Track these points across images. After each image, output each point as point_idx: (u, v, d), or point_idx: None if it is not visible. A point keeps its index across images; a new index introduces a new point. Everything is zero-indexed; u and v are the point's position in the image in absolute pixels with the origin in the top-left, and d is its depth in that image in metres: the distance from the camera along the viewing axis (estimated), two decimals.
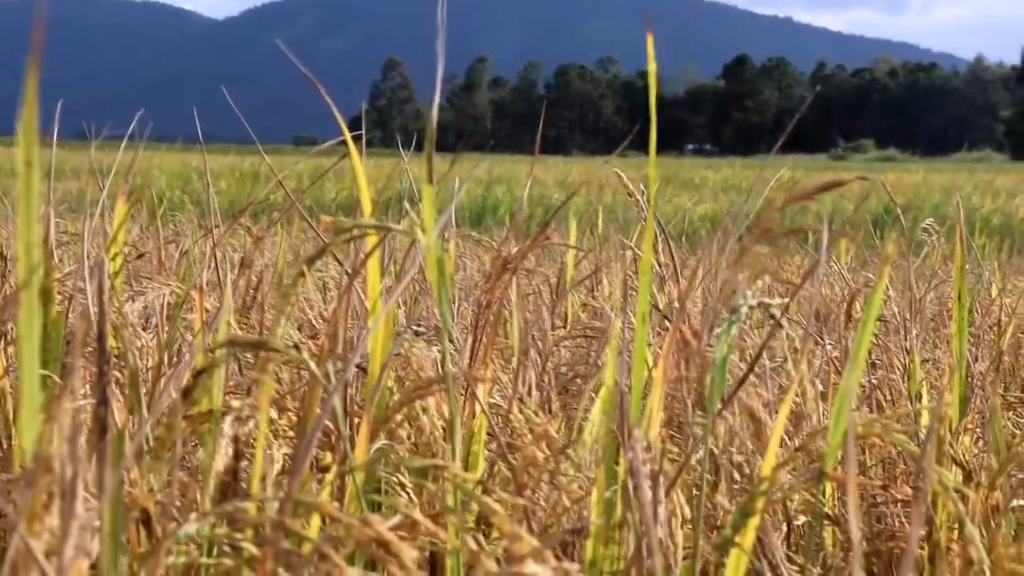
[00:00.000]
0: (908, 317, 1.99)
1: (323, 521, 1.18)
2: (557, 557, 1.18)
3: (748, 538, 1.13)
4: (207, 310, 1.15)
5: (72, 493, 0.75)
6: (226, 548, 0.96)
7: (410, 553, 0.86)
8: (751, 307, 1.23)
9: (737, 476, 1.28)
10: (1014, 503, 1.22)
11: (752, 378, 1.33)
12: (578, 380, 1.94)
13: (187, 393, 1.02)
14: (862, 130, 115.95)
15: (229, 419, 0.97)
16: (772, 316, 1.28)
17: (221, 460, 0.95)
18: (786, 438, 1.52)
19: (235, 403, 0.97)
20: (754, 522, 1.13)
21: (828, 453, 1.08)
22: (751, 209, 1.50)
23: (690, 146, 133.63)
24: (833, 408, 1.07)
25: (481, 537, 1.02)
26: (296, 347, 1.01)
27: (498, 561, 1.00)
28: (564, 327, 2.36)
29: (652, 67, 1.28)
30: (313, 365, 1.08)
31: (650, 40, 1.26)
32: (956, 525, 1.32)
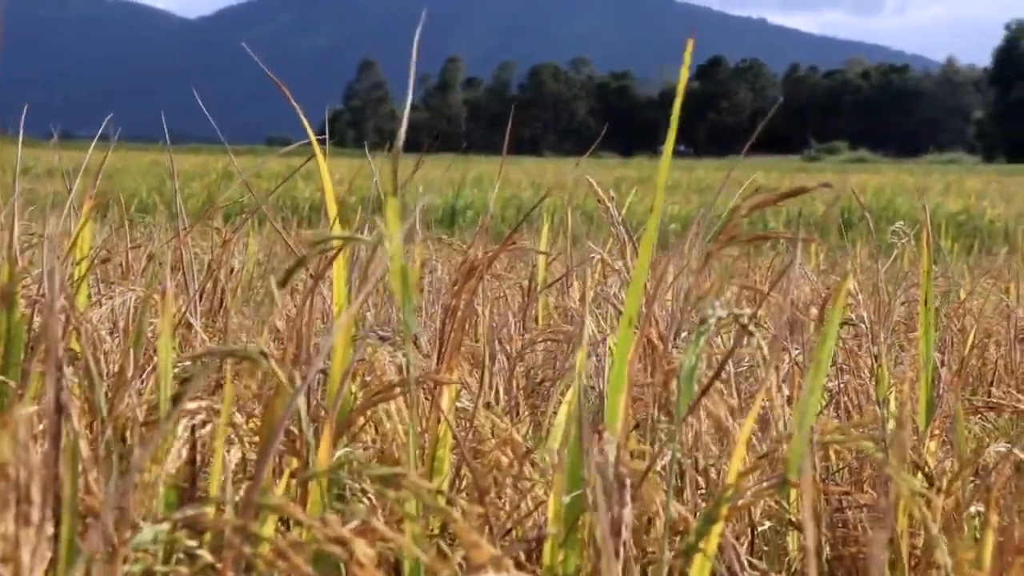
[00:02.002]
0: (876, 321, 1.99)
1: (286, 526, 1.18)
2: (519, 564, 1.18)
3: (712, 544, 1.13)
4: (173, 315, 1.14)
5: (27, 499, 0.75)
6: (184, 555, 0.95)
7: (366, 551, 0.86)
8: (720, 317, 1.23)
9: (701, 482, 1.28)
10: (973, 508, 1.23)
11: (719, 384, 1.33)
12: (546, 383, 1.94)
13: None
14: (835, 131, 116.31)
15: (184, 421, 0.96)
16: (742, 326, 1.28)
17: (173, 462, 0.95)
18: (755, 442, 1.52)
19: (191, 405, 0.96)
20: (718, 528, 1.13)
21: (792, 459, 1.08)
22: (718, 212, 1.50)
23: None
24: (796, 414, 1.07)
25: (445, 544, 1.03)
26: (263, 353, 1.00)
27: (460, 567, 1.01)
28: (536, 330, 2.36)
29: (683, 74, 1.28)
30: (280, 370, 1.07)
31: (689, 47, 1.25)
32: (917, 530, 1.32)
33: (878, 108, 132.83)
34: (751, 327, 1.25)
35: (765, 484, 1.09)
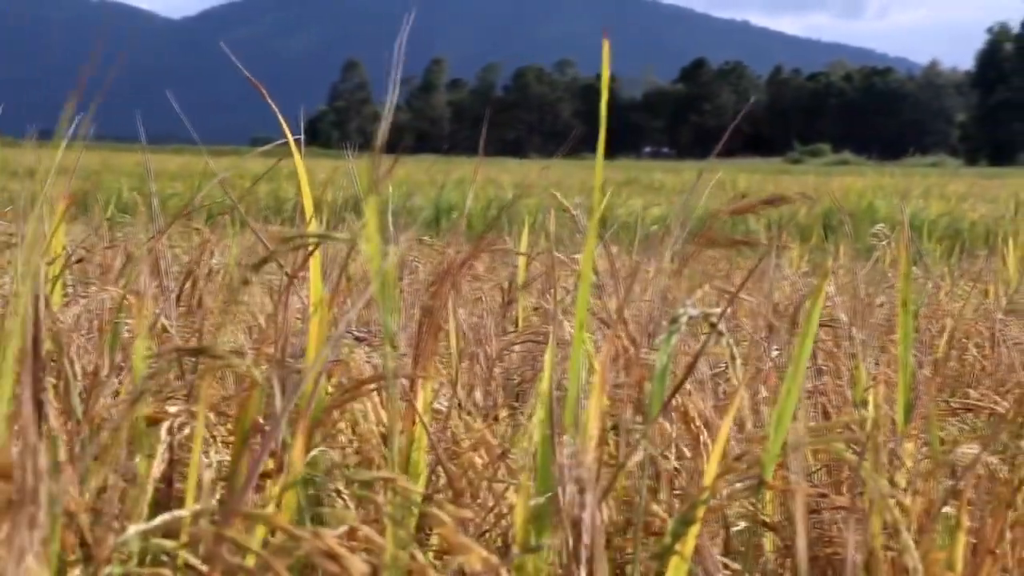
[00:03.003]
0: (853, 322, 2.00)
1: (271, 532, 1.18)
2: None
3: (688, 546, 1.13)
4: (144, 315, 1.14)
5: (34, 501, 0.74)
6: (164, 558, 0.95)
7: (361, 568, 0.86)
8: (691, 317, 1.23)
9: (677, 482, 1.28)
10: (945, 509, 1.23)
11: (690, 386, 1.33)
12: (525, 384, 1.94)
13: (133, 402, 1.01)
14: (818, 134, 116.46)
15: (166, 425, 0.96)
16: (712, 325, 1.29)
17: (159, 467, 0.95)
18: (733, 443, 1.53)
19: (171, 409, 0.96)
20: (695, 530, 1.13)
21: (768, 461, 1.09)
22: (695, 213, 1.50)
23: (647, 149, 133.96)
24: (773, 416, 1.08)
25: (417, 548, 1.02)
26: (238, 353, 1.00)
27: (434, 567, 1.00)
28: (516, 331, 2.36)
29: (604, 74, 1.28)
30: (256, 371, 1.07)
31: (606, 50, 1.26)
32: (891, 531, 1.33)
33: (861, 111, 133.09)
34: (720, 327, 1.25)
35: (740, 486, 1.09)
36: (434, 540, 1.29)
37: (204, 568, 0.85)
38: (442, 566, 0.86)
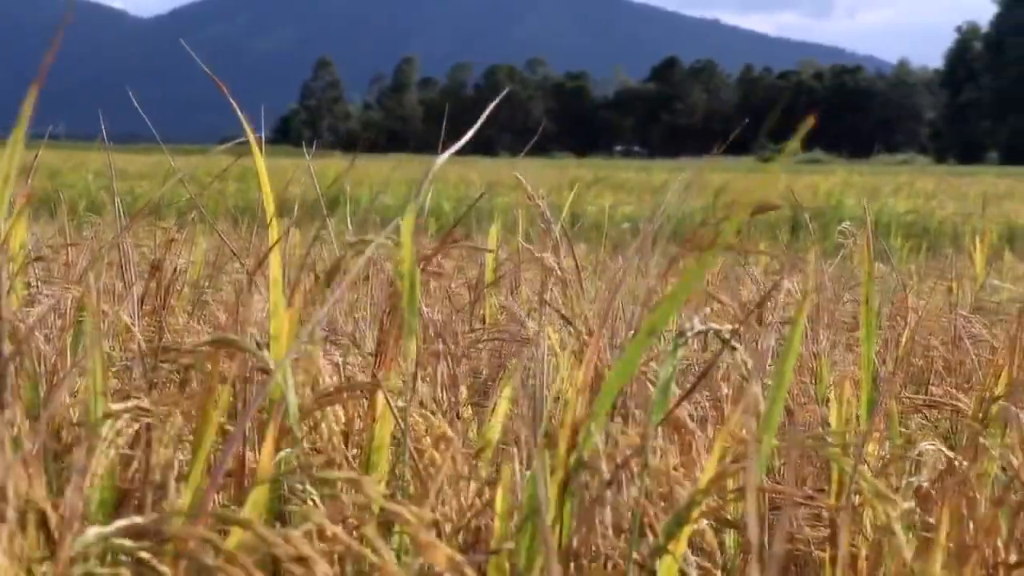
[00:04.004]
0: (819, 320, 2.01)
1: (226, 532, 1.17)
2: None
3: (681, 546, 1.14)
4: (105, 313, 1.14)
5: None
6: (130, 559, 0.95)
7: (325, 569, 0.86)
8: (698, 332, 1.24)
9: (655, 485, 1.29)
10: (906, 505, 1.24)
11: (677, 389, 1.34)
12: (490, 382, 1.94)
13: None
14: (789, 133, 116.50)
15: (109, 422, 0.96)
16: (724, 341, 1.29)
17: (101, 462, 0.94)
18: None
19: (116, 406, 0.96)
20: (687, 531, 1.14)
21: (759, 465, 1.09)
22: (670, 213, 1.50)
23: (618, 148, 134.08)
24: (761, 421, 1.08)
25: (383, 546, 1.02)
26: (203, 354, 1.00)
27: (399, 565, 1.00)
28: (483, 328, 2.36)
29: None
30: (217, 369, 1.07)
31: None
32: (857, 530, 1.34)
33: (832, 109, 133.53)
34: (732, 342, 1.26)
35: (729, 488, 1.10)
36: (397, 540, 1.29)
37: (164, 569, 0.85)
38: (407, 565, 0.86)
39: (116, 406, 0.99)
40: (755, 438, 1.05)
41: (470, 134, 1.38)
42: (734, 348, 1.19)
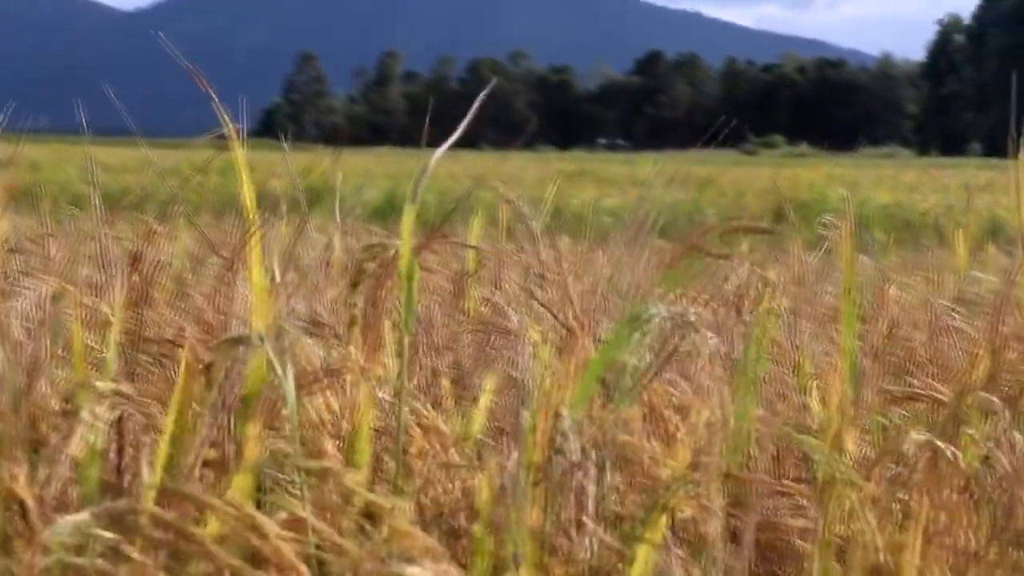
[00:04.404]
0: (800, 311, 2.01)
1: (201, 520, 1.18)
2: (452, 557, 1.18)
3: (657, 534, 1.14)
4: (86, 306, 1.14)
5: None
6: (107, 549, 0.95)
7: (293, 561, 0.86)
8: (663, 318, 1.24)
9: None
10: (872, 489, 1.25)
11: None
12: (472, 374, 1.94)
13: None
14: (772, 126, 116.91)
15: (89, 406, 0.96)
16: (688, 325, 1.29)
17: (75, 444, 0.94)
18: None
19: (99, 384, 0.96)
20: (663, 519, 1.15)
21: (732, 451, 1.10)
22: (656, 206, 1.51)
23: (602, 140, 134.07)
24: (733, 409, 1.09)
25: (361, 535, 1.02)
26: (173, 342, 1.00)
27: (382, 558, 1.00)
28: (466, 320, 2.36)
29: None
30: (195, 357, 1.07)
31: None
32: (836, 517, 1.34)
33: (815, 102, 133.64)
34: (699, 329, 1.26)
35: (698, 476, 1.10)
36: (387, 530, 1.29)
37: (137, 556, 0.85)
38: (387, 553, 0.86)
39: (99, 384, 0.99)
40: (723, 423, 1.06)
41: (459, 131, 1.39)
42: (697, 331, 1.19)
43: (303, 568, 0.81)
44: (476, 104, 1.39)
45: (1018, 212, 1.24)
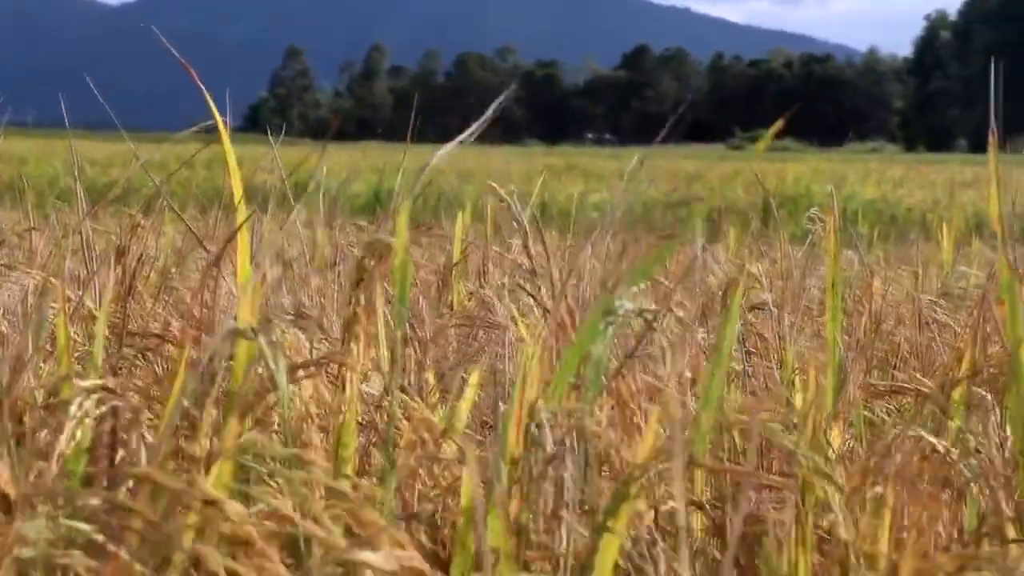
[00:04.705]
0: (785, 305, 2.02)
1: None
2: (430, 551, 1.18)
3: (621, 522, 1.14)
4: (70, 299, 1.14)
5: None
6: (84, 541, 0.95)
7: (273, 555, 0.86)
8: (627, 312, 1.25)
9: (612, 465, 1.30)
10: (877, 490, 1.25)
11: (624, 369, 1.35)
12: (458, 368, 1.95)
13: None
14: (759, 120, 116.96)
15: (77, 400, 0.96)
16: (647, 321, 1.30)
17: (64, 441, 0.94)
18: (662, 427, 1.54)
19: (84, 383, 0.96)
20: (628, 507, 1.15)
21: (698, 440, 1.10)
22: (641, 200, 1.51)
23: (589, 135, 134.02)
24: (702, 397, 1.09)
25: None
26: (159, 335, 1.00)
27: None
28: (451, 314, 2.36)
29: None
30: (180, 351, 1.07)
31: None
32: (820, 510, 1.35)
33: (802, 97, 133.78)
34: (655, 324, 1.26)
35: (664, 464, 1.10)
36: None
37: (112, 548, 0.85)
38: (367, 544, 0.86)
39: (83, 383, 0.99)
40: (685, 414, 1.06)
41: (465, 135, 1.39)
42: (653, 328, 1.19)
43: (272, 552, 0.81)
44: (498, 101, 1.39)
45: (993, 203, 1.24)
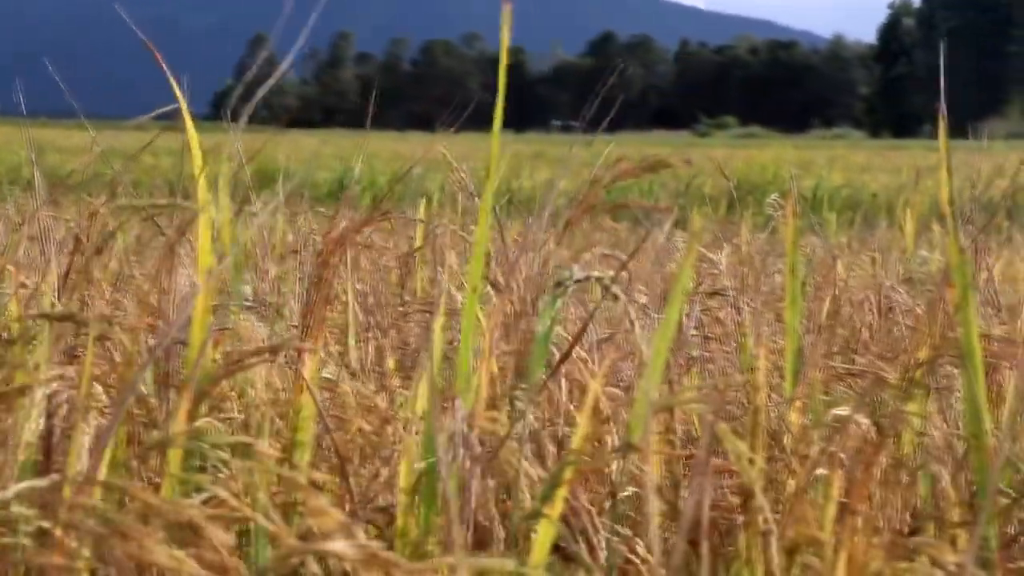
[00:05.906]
0: (745, 291, 2.02)
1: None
2: (379, 533, 1.18)
3: (556, 508, 1.14)
4: (25, 286, 1.13)
5: None
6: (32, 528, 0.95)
7: (222, 537, 0.86)
8: (577, 280, 1.25)
9: (552, 449, 1.30)
10: (818, 471, 1.26)
11: (582, 352, 1.35)
12: (418, 353, 1.95)
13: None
14: (725, 107, 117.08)
15: (41, 390, 0.95)
16: (605, 288, 1.30)
17: (32, 431, 0.94)
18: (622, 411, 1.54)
19: (41, 374, 0.95)
20: (562, 492, 1.14)
21: (634, 423, 1.10)
22: (574, 184, 1.51)
23: (556, 122, 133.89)
24: (641, 381, 1.09)
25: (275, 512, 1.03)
26: (110, 321, 0.99)
27: (304, 537, 1.01)
28: (413, 300, 2.36)
29: None
30: (128, 338, 1.06)
31: None
32: (779, 495, 1.35)
33: (767, 84, 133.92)
34: (616, 290, 1.26)
35: (612, 449, 1.10)
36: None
37: (58, 533, 0.85)
38: (317, 534, 0.86)
39: (41, 373, 0.99)
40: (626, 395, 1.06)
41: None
42: (616, 297, 1.19)
43: (224, 536, 0.81)
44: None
45: (944, 188, 1.25)
